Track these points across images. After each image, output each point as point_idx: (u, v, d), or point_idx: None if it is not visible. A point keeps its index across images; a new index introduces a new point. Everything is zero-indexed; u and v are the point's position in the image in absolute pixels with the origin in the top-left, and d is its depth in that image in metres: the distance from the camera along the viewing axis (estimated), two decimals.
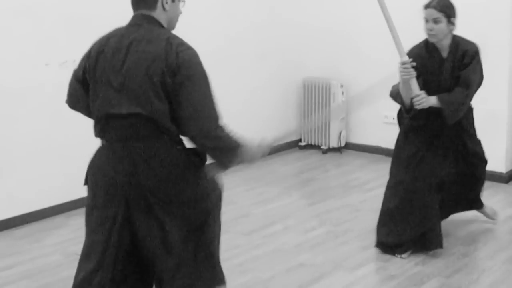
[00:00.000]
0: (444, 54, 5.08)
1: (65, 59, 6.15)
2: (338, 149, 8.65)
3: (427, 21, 4.99)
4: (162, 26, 3.46)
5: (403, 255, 5.16)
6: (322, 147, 8.69)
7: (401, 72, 4.93)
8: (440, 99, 5.01)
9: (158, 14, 3.46)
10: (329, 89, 8.45)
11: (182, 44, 3.31)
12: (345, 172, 7.78)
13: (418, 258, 5.18)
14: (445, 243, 5.25)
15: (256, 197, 6.88)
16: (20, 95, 5.97)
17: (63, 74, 6.16)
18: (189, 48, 3.30)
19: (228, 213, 6.24)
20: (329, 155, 8.57)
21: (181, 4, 3.55)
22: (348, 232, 5.75)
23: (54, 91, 6.12)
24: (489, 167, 5.68)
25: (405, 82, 4.95)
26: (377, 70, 8.10)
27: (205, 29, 7.33)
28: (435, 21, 4.94)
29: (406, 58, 4.91)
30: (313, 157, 8.46)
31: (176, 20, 3.56)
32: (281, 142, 4.05)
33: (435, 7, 4.94)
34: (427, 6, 5.00)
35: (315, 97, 8.58)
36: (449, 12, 4.95)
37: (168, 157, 3.32)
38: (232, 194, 6.56)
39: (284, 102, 8.73)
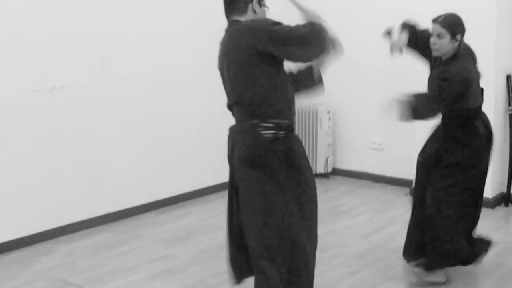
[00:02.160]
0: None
1: (53, 85, 6.18)
2: (325, 175, 8.69)
3: (432, 34, 5.02)
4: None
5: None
6: None
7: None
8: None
9: (248, 17, 4.03)
10: (316, 114, 8.50)
11: None
12: (332, 197, 7.81)
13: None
14: None
15: None
16: (8, 120, 5.98)
17: (50, 100, 6.24)
18: None
19: (215, 240, 6.27)
20: (316, 180, 8.57)
21: (264, 8, 4.13)
22: (334, 258, 5.77)
23: (42, 116, 6.16)
24: None
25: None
26: (364, 96, 8.19)
27: (181, 40, 7.38)
28: (439, 36, 4.95)
29: None
30: None
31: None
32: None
33: (440, 23, 4.96)
34: (434, 21, 5.02)
35: (302, 123, 8.64)
36: (453, 29, 4.95)
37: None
38: (219, 221, 6.56)
39: None
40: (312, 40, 3.83)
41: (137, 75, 6.97)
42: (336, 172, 8.78)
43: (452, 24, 4.96)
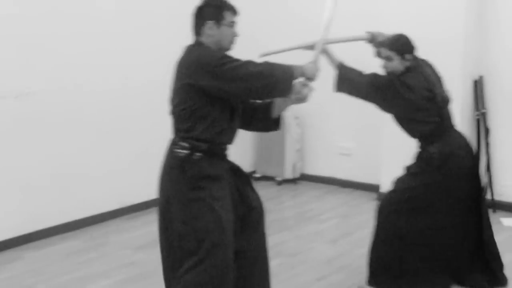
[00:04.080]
0: None
1: (21, 91, 6.16)
2: (293, 181, 8.71)
3: (381, 57, 5.00)
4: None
5: None
6: (276, 178, 8.74)
7: None
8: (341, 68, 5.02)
9: (204, 39, 3.97)
10: (283, 121, 8.51)
11: None
12: (300, 203, 7.84)
13: None
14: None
15: None
16: None
17: (19, 107, 6.20)
18: None
19: None
20: (283, 186, 8.63)
21: (228, 29, 3.96)
22: (303, 263, 5.78)
23: (10, 123, 6.12)
24: None
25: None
26: (333, 101, 8.22)
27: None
28: (388, 58, 4.92)
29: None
30: (267, 188, 8.49)
31: (226, 42, 3.98)
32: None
33: (386, 46, 4.92)
34: (380, 45, 4.99)
35: None
36: (401, 49, 4.89)
37: None
38: None
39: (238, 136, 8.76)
40: (260, 80, 3.76)
41: (105, 85, 6.97)
42: (305, 177, 8.81)
43: (400, 45, 4.91)
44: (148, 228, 6.80)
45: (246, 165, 8.82)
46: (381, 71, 5.00)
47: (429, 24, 7.01)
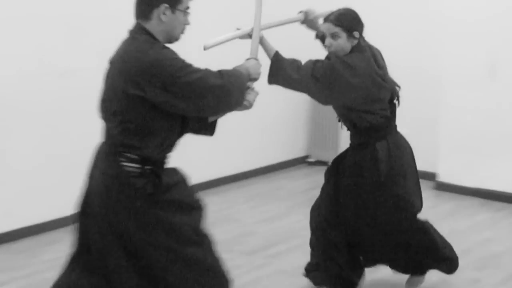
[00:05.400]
0: None
1: (65, 68, 6.11)
2: None
3: (326, 35, 4.42)
4: (154, 38, 3.40)
5: None
6: (330, 163, 8.52)
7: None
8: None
9: (153, 25, 3.40)
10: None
11: None
12: None
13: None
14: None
15: (261, 214, 6.75)
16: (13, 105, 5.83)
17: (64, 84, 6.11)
18: None
19: (231, 232, 6.11)
20: None
21: (182, 14, 3.45)
22: None
23: (56, 100, 6.04)
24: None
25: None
26: None
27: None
28: (333, 36, 4.35)
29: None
30: (321, 173, 8.21)
31: (178, 31, 3.48)
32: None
33: (332, 21, 4.35)
34: (325, 20, 4.43)
35: (324, 112, 8.42)
36: (349, 25, 4.33)
37: None
38: (235, 212, 6.43)
39: (292, 116, 8.61)
40: (218, 97, 3.37)
41: None
42: None
43: (347, 21, 4.35)
44: None
45: (299, 149, 8.66)
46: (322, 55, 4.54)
47: None
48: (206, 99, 3.34)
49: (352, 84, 4.26)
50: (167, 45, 3.46)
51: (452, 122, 7.32)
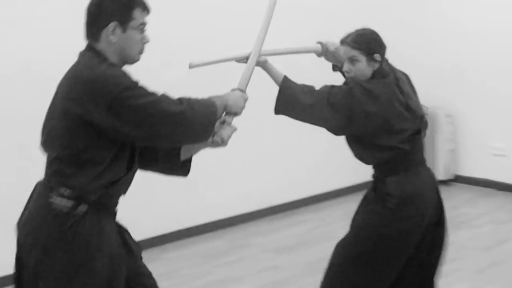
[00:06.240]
0: None
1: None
2: (445, 182, 8.30)
3: (344, 59, 4.07)
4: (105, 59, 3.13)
5: None
6: None
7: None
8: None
9: (103, 46, 3.14)
10: (434, 119, 8.13)
11: None
12: (452, 206, 7.44)
13: None
14: None
15: None
16: None
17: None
18: None
19: (326, 250, 6.02)
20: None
21: (137, 33, 3.17)
22: (455, 272, 5.49)
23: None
24: None
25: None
26: (488, 100, 7.80)
27: None
28: (351, 60, 3.98)
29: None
30: None
31: (134, 51, 3.20)
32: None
33: (348, 43, 4.00)
34: (341, 42, 4.09)
35: None
36: (369, 48, 3.95)
37: None
38: (332, 230, 6.36)
39: None
40: (174, 125, 3.01)
41: None
42: (458, 179, 8.37)
43: (367, 43, 3.97)
44: (292, 230, 6.67)
45: None
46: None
47: None
48: (157, 127, 3.00)
49: (370, 112, 3.87)
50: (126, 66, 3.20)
51: None
